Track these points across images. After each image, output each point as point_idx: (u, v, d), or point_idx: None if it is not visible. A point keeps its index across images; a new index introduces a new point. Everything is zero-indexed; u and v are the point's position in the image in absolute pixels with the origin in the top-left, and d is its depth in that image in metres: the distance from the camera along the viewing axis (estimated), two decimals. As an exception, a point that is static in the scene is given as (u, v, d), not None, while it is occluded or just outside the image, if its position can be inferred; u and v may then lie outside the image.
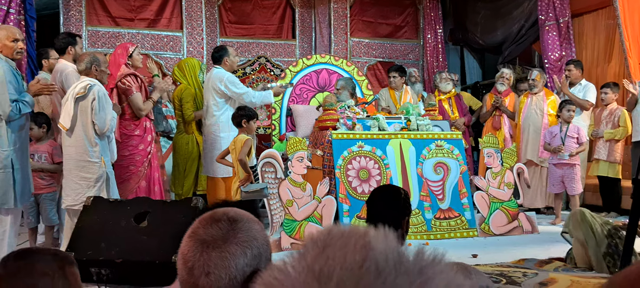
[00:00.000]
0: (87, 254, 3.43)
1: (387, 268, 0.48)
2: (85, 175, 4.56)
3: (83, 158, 4.57)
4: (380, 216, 2.50)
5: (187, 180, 6.04)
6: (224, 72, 5.66)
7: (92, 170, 4.58)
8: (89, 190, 4.48)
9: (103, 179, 4.63)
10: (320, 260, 0.49)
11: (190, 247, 1.17)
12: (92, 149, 4.58)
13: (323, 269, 0.48)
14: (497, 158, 5.93)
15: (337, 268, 0.47)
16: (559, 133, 6.33)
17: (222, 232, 1.19)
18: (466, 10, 9.81)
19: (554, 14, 7.94)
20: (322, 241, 0.52)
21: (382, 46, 9.48)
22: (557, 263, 4.41)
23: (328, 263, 0.48)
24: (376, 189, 2.69)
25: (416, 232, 5.45)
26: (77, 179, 4.56)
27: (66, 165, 4.63)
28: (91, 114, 4.55)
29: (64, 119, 4.56)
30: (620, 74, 7.41)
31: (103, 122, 4.58)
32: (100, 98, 4.57)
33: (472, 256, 4.69)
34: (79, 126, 4.56)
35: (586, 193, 7.16)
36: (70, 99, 4.55)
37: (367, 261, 0.48)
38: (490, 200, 5.79)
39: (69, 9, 7.86)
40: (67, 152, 4.63)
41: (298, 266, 0.49)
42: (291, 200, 5.24)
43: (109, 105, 4.71)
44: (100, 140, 4.64)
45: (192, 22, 8.37)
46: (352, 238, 0.51)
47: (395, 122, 6.05)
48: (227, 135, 5.60)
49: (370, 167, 5.61)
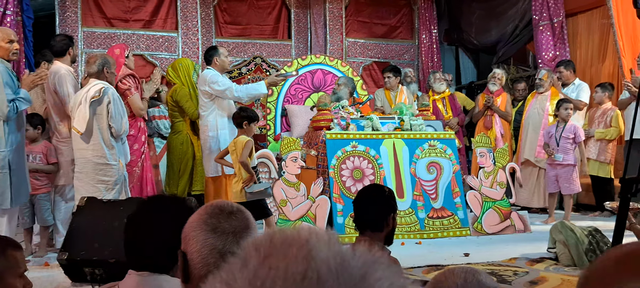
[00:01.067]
0: (80, 254, 3.45)
1: (330, 278, 0.48)
2: (103, 178, 4.59)
3: (101, 161, 4.59)
4: (365, 214, 2.56)
5: (182, 180, 6.06)
6: (208, 72, 5.67)
7: (111, 173, 4.61)
8: (108, 193, 4.51)
9: (121, 181, 4.68)
10: (262, 272, 0.49)
11: (220, 240, 1.30)
12: (110, 152, 4.62)
13: (265, 283, 0.47)
14: (490, 157, 5.97)
15: (279, 282, 0.47)
16: (554, 133, 6.33)
17: (243, 222, 1.34)
18: (461, 10, 9.85)
19: (548, 13, 7.98)
20: (264, 249, 0.51)
21: (378, 46, 9.51)
22: (548, 262, 4.45)
23: (270, 275, 0.48)
24: (362, 189, 2.75)
25: (409, 231, 5.49)
26: (94, 182, 4.57)
27: (81, 168, 4.63)
28: (107, 117, 4.58)
29: (78, 122, 4.55)
30: (614, 73, 7.45)
31: (120, 125, 4.63)
32: (115, 100, 4.62)
33: (464, 255, 4.72)
34: (95, 129, 4.57)
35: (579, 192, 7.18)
36: (84, 102, 4.55)
37: (309, 271, 0.48)
38: (482, 200, 5.83)
39: (64, 10, 7.88)
40: (83, 155, 4.62)
41: (240, 277, 0.49)
42: (285, 200, 5.27)
43: (123, 107, 4.75)
44: (116, 143, 4.68)
45: (187, 23, 8.40)
46: (293, 247, 0.51)
47: (389, 122, 6.09)
48: (214, 134, 5.63)
49: (364, 166, 5.65)
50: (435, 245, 5.20)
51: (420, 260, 4.47)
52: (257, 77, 8.67)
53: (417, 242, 5.34)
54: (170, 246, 1.54)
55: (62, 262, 3.42)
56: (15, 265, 1.89)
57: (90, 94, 4.54)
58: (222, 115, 5.66)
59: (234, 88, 5.61)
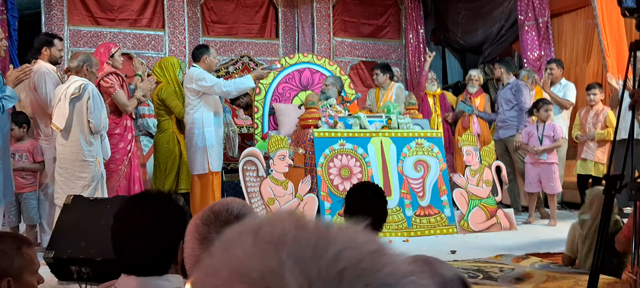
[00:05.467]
0: (67, 252, 3.44)
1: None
2: (81, 174, 4.60)
3: (79, 157, 4.60)
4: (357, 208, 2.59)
5: (168, 179, 6.04)
6: (194, 70, 5.67)
7: (88, 170, 4.62)
8: (84, 190, 4.50)
9: (98, 178, 4.68)
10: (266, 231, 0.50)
11: (206, 252, 1.18)
12: (88, 148, 4.63)
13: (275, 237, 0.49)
14: (476, 156, 6.01)
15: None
16: (536, 132, 6.37)
17: None
18: (447, 10, 9.90)
19: (533, 14, 8.04)
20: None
21: (365, 46, 9.54)
22: (534, 259, 4.50)
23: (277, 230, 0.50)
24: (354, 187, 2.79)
25: (397, 229, 5.51)
26: (72, 178, 4.59)
27: (60, 164, 4.65)
28: (87, 113, 4.58)
29: (57, 119, 4.56)
30: (599, 73, 7.52)
31: (99, 121, 4.64)
32: (94, 97, 4.64)
33: (451, 252, 4.76)
34: (75, 126, 4.58)
35: (565, 191, 7.24)
36: (63, 99, 4.55)
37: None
38: (469, 198, 5.87)
39: (50, 8, 7.82)
40: (62, 151, 4.64)
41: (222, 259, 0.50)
42: (273, 199, 5.28)
43: (103, 103, 4.75)
44: (95, 139, 4.68)
45: (174, 22, 8.37)
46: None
47: (377, 120, 6.11)
48: (200, 132, 5.62)
49: (351, 165, 5.67)
50: (422, 243, 5.23)
51: (408, 257, 4.49)
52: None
53: (404, 240, 5.37)
54: (164, 248, 1.52)
55: (48, 261, 3.41)
56: (31, 262, 1.91)
57: (70, 91, 4.54)
58: (209, 112, 5.66)
59: (221, 83, 5.63)
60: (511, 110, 6.75)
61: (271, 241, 0.49)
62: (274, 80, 7.23)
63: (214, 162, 5.67)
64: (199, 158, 5.63)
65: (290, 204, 5.30)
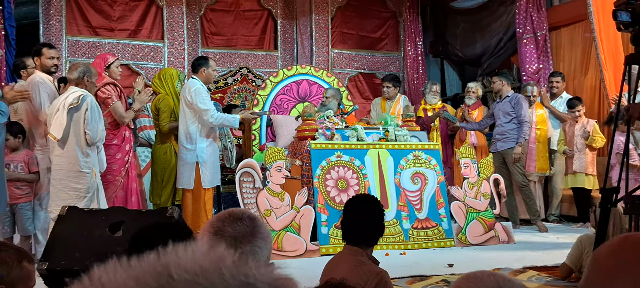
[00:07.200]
0: (61, 264, 3.41)
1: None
2: (76, 185, 4.58)
3: (75, 168, 4.59)
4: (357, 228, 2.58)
5: (165, 190, 6.02)
6: (195, 82, 5.65)
7: (83, 181, 4.61)
8: (79, 201, 4.47)
9: (94, 190, 4.66)
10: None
11: (219, 243, 1.25)
12: (85, 160, 4.62)
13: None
14: (474, 168, 6.00)
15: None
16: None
17: (249, 228, 1.34)
18: (446, 23, 9.93)
19: (531, 27, 8.07)
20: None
21: (363, 58, 9.55)
22: (531, 273, 4.47)
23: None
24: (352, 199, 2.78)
25: (394, 241, 5.49)
26: (67, 189, 4.57)
27: (56, 175, 4.63)
28: (84, 124, 4.58)
29: (55, 129, 4.55)
30: (596, 86, 7.53)
31: (95, 132, 4.63)
32: (92, 108, 4.63)
33: (448, 265, 4.73)
34: (72, 136, 4.58)
35: (563, 204, 7.24)
36: (62, 109, 4.54)
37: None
38: (467, 210, 5.85)
39: (49, 18, 7.83)
40: (58, 162, 4.62)
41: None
42: (269, 210, 5.25)
43: (100, 115, 4.74)
44: (91, 151, 4.66)
45: (173, 33, 8.38)
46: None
47: (374, 132, 6.10)
48: (193, 147, 5.60)
49: (348, 177, 5.65)
50: (419, 256, 5.21)
51: (405, 270, 4.47)
52: (242, 88, 8.68)
53: (401, 253, 5.34)
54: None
55: (42, 272, 3.37)
56: (28, 277, 1.94)
57: (68, 101, 4.54)
58: (204, 126, 5.63)
59: (212, 112, 5.55)
60: (510, 123, 6.74)
61: None
62: (272, 91, 7.24)
63: (207, 179, 5.64)
64: (186, 174, 5.61)
65: (287, 216, 5.28)
